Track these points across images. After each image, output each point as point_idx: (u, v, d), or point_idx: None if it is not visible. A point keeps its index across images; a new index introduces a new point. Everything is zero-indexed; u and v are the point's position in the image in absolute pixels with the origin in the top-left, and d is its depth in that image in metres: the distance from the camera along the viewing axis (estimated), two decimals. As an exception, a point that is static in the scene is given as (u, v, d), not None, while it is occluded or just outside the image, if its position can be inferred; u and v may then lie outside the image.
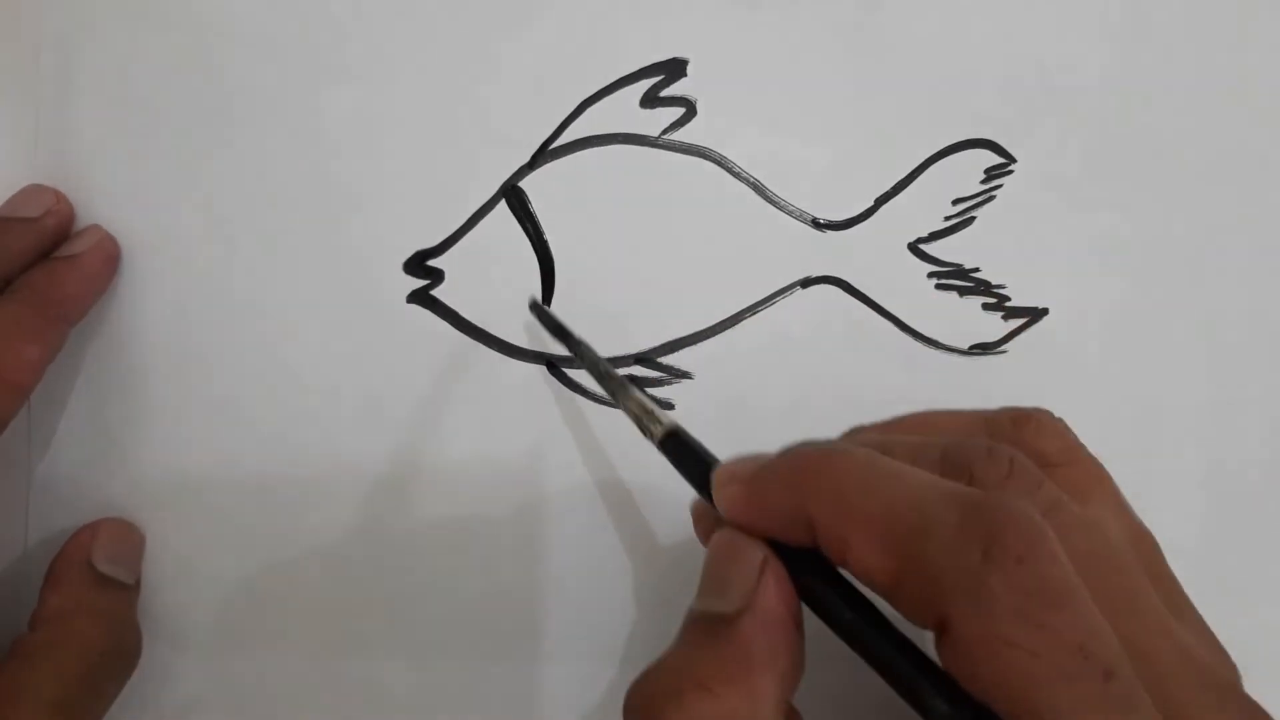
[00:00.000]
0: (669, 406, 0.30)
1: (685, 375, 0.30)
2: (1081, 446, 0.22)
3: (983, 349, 0.31)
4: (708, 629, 0.19)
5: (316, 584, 0.30)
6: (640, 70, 0.30)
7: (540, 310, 0.29)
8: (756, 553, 0.20)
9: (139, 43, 0.29)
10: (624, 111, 0.30)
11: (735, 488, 0.20)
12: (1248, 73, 0.32)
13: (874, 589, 0.18)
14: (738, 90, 0.30)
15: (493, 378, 0.30)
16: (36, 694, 0.25)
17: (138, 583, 0.29)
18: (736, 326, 0.30)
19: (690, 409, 0.30)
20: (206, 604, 0.30)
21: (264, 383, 0.30)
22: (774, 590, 0.19)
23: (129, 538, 0.29)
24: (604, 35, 0.30)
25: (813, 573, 0.19)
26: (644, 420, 0.23)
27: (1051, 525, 0.17)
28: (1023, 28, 0.31)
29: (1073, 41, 0.31)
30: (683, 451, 0.22)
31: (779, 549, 0.20)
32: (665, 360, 0.30)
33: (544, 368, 0.30)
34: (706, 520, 0.23)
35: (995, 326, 0.31)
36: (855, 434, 0.24)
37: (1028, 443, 0.21)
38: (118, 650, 0.27)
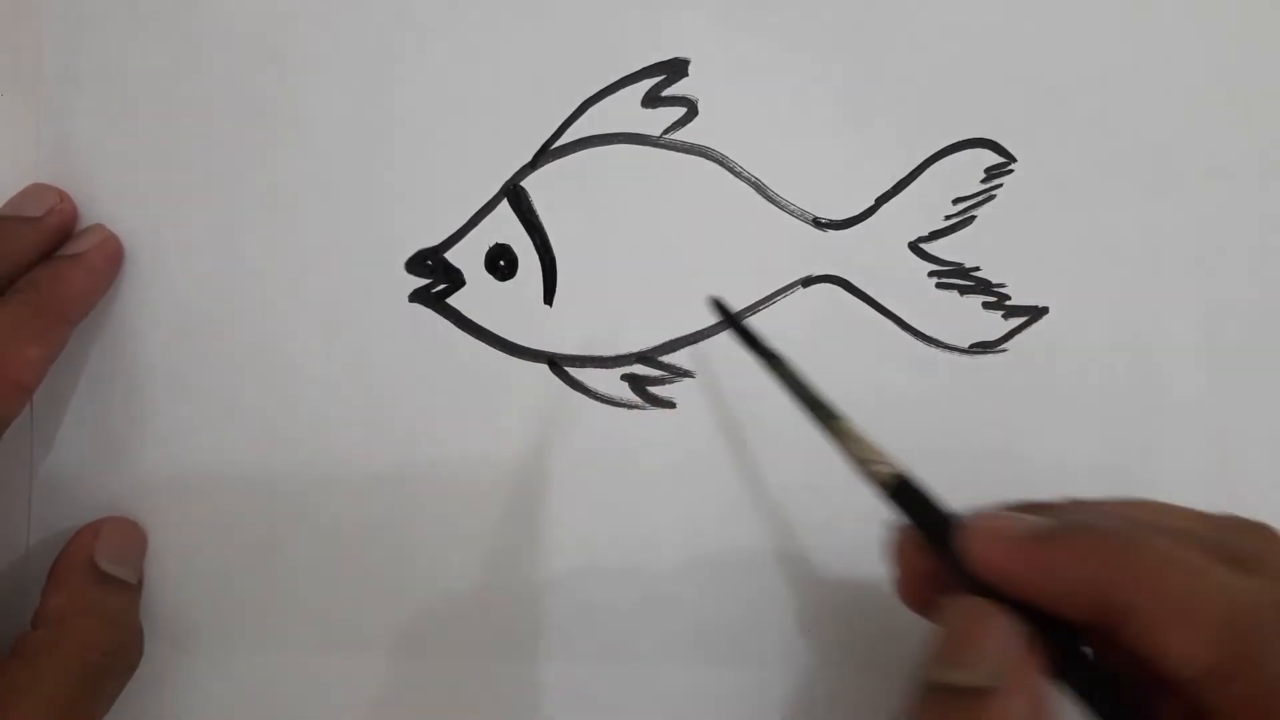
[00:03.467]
0: (670, 405, 0.30)
1: (686, 374, 0.30)
2: None
3: (983, 348, 0.31)
4: (955, 703, 0.19)
5: (317, 584, 0.30)
6: (642, 70, 0.30)
7: (745, 332, 0.26)
8: (1015, 625, 0.19)
9: (141, 43, 0.30)
10: (625, 111, 0.30)
11: (1002, 546, 0.20)
12: (1248, 72, 0.32)
13: (1178, 676, 0.18)
14: (739, 90, 0.30)
15: (494, 377, 0.30)
16: (38, 693, 0.25)
17: (140, 582, 0.29)
18: (738, 325, 0.31)
19: (691, 407, 0.30)
20: (208, 604, 0.30)
21: (266, 382, 0.30)
22: (1038, 668, 0.19)
23: (132, 537, 0.29)
24: (606, 35, 0.30)
25: (1072, 655, 0.19)
26: (868, 465, 0.22)
27: None
28: (1023, 28, 0.31)
29: (1073, 41, 0.31)
30: (914, 500, 0.21)
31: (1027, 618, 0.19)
32: (666, 359, 0.30)
33: (546, 367, 0.30)
34: (911, 565, 0.22)
35: (996, 325, 0.31)
36: (1071, 506, 0.23)
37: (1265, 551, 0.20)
38: (120, 650, 0.27)
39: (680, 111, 0.30)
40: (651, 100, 0.30)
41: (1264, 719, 0.17)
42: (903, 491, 0.21)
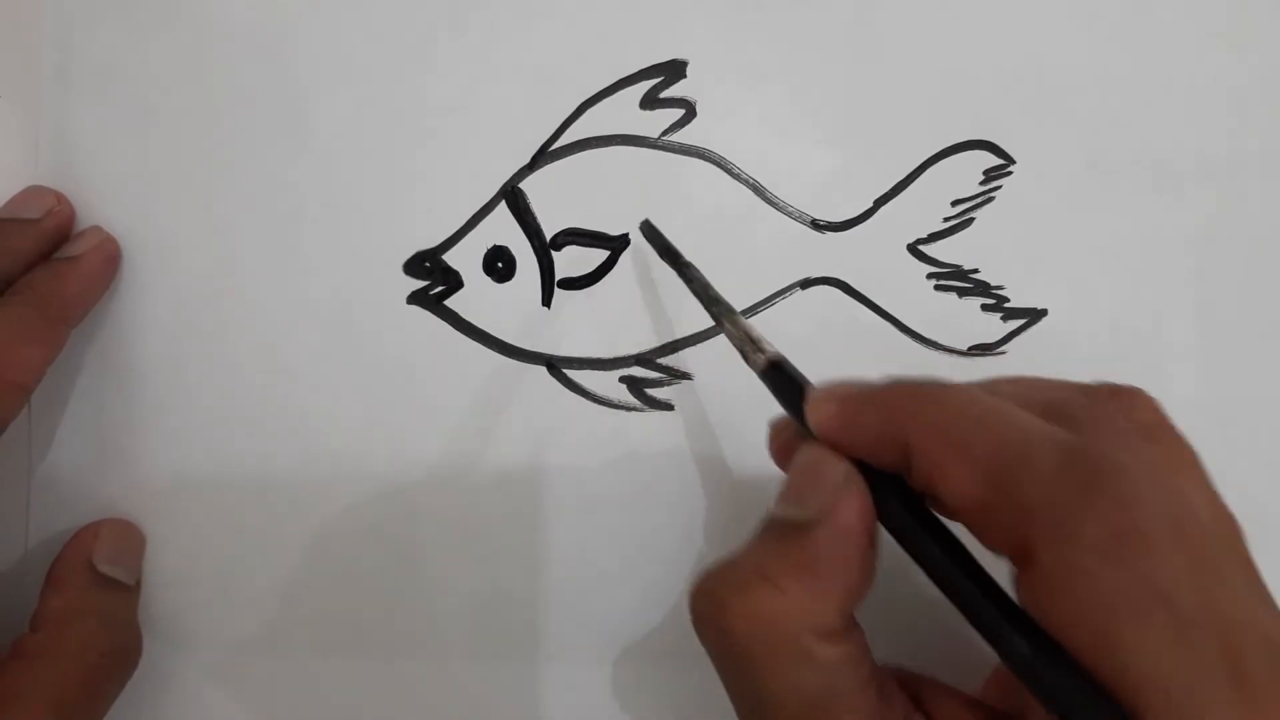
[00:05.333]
0: (668, 407, 0.30)
1: (685, 376, 0.30)
2: (1173, 425, 0.22)
3: (982, 350, 0.31)
4: (782, 532, 0.20)
5: (316, 584, 0.30)
6: (640, 71, 0.30)
7: (651, 230, 0.29)
8: (840, 467, 0.20)
9: (140, 44, 0.30)
10: (624, 113, 0.30)
11: (831, 406, 0.21)
12: (1247, 72, 0.32)
13: (956, 515, 0.19)
14: (737, 91, 0.30)
15: (492, 378, 0.30)
16: (37, 695, 0.25)
17: (138, 583, 0.29)
18: (736, 327, 0.30)
19: (690, 409, 0.30)
20: (207, 605, 0.30)
21: (264, 383, 0.30)
22: (854, 505, 0.20)
23: (129, 538, 0.29)
24: (604, 36, 0.30)
25: (895, 498, 0.20)
26: (747, 349, 0.24)
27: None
28: (1023, 28, 0.31)
29: (1073, 41, 0.31)
30: (781, 379, 0.23)
31: (862, 470, 0.20)
32: (665, 361, 0.30)
33: (544, 369, 0.30)
34: (783, 437, 0.24)
35: (995, 327, 0.31)
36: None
37: (1123, 414, 0.22)
38: (118, 651, 0.27)
39: (678, 113, 0.30)
40: (650, 102, 0.30)
41: (1017, 551, 0.18)
42: (774, 370, 0.23)
